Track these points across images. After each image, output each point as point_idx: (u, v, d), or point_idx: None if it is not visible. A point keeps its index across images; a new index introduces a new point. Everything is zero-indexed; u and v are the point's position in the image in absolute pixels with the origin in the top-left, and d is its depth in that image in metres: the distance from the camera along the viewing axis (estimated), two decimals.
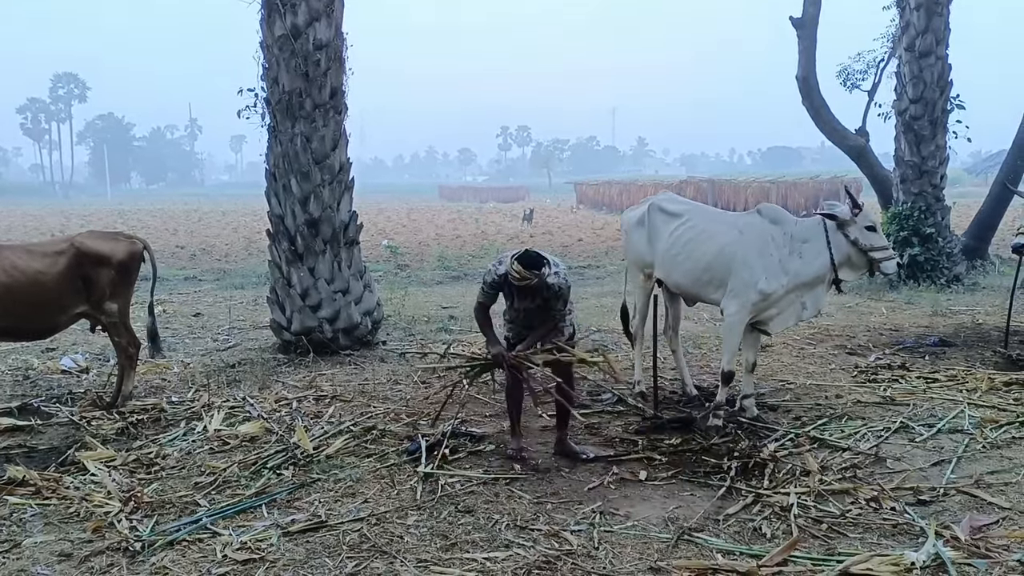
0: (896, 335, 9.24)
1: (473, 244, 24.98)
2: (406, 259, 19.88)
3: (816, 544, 4.11)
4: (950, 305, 11.30)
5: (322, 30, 8.44)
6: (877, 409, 6.34)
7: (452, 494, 4.78)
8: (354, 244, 8.88)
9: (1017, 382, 6.90)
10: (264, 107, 8.82)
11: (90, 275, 6.33)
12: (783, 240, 5.88)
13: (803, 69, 17.12)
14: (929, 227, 13.50)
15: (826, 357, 8.21)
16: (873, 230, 5.69)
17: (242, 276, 16.37)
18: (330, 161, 8.61)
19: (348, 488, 4.89)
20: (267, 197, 8.84)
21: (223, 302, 12.60)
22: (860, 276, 5.98)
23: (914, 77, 13.59)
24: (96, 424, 6.12)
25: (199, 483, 4.99)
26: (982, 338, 8.94)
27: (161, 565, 3.96)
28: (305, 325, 8.47)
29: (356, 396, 6.82)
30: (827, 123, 17.19)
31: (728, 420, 5.98)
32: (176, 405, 6.60)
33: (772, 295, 5.84)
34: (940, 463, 5.16)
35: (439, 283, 15.73)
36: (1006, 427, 5.75)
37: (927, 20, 13.43)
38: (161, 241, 26.71)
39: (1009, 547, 3.96)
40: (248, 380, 7.42)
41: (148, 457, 5.44)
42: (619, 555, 4.01)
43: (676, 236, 6.28)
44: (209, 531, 4.33)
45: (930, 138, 13.64)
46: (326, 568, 3.92)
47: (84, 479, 5.04)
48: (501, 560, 3.95)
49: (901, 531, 4.23)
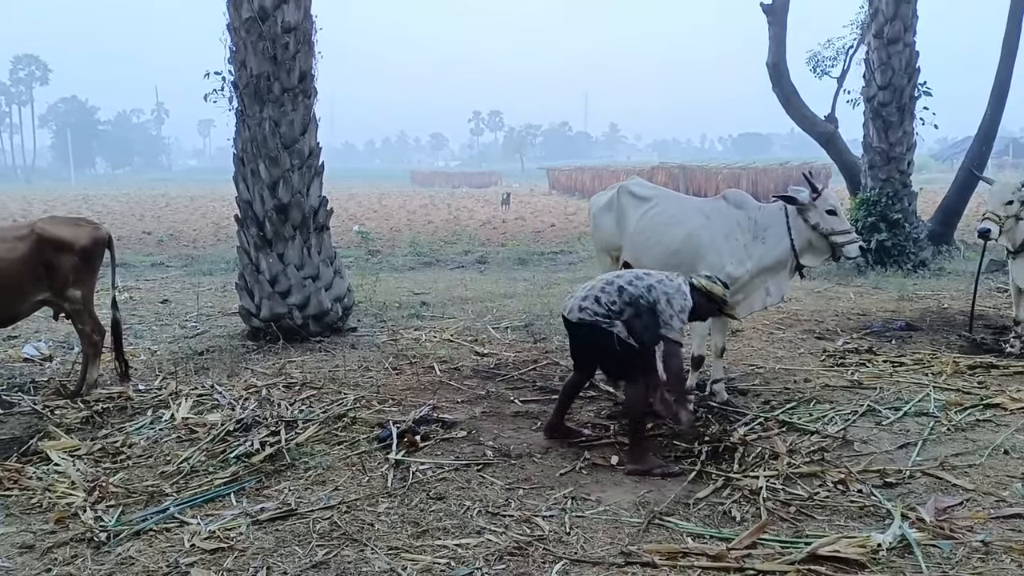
0: (863, 320, 9.34)
1: (445, 230, 24.88)
2: (377, 245, 19.76)
3: (784, 527, 4.15)
4: (916, 290, 11.44)
5: (290, 12, 8.31)
6: (845, 393, 6.41)
7: (423, 481, 4.77)
8: (324, 230, 8.80)
9: (981, 365, 7.01)
10: (232, 91, 8.68)
11: (52, 261, 6.21)
12: (748, 225, 5.91)
13: (773, 56, 17.20)
14: (896, 213, 13.65)
15: (795, 342, 8.28)
16: (834, 214, 5.68)
17: (210, 262, 16.19)
18: (299, 146, 8.50)
19: (318, 476, 4.85)
20: (235, 182, 8.72)
21: (191, 289, 12.43)
22: (823, 261, 6.00)
23: (882, 64, 13.70)
24: (60, 413, 6.01)
25: (166, 472, 4.92)
26: (947, 322, 9.07)
27: (127, 555, 3.91)
28: (274, 312, 8.39)
29: (326, 383, 6.77)
30: (797, 110, 17.30)
31: (698, 405, 6.02)
32: (143, 393, 6.50)
33: (739, 280, 5.87)
34: (906, 446, 5.23)
35: (411, 269, 15.65)
36: (970, 410, 5.83)
37: (895, 7, 13.54)
38: (127, 227, 26.34)
39: (973, 528, 4.02)
40: (216, 367, 7.34)
41: (114, 446, 5.36)
42: (590, 540, 4.02)
43: (645, 220, 6.29)
44: (177, 520, 4.28)
45: (898, 124, 13.78)
46: (296, 556, 3.89)
47: (47, 469, 4.95)
48: (473, 546, 3.94)
49: (868, 513, 4.28)
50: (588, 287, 5.08)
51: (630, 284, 4.92)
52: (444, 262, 16.64)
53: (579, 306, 4.97)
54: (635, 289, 4.89)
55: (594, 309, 4.90)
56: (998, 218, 6.96)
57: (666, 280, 4.95)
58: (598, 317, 4.88)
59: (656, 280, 4.94)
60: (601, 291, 4.95)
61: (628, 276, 5.01)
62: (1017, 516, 4.16)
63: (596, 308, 4.90)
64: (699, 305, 5.01)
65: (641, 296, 4.87)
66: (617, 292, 4.91)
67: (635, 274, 5.04)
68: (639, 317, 4.87)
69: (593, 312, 4.90)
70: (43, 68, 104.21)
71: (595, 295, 4.94)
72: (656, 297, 4.85)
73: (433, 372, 7.17)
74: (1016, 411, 5.79)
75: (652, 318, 4.86)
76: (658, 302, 4.83)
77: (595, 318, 4.89)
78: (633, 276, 5.00)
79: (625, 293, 4.89)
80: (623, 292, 4.90)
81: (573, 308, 5.01)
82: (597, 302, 4.91)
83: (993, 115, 15.68)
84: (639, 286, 4.90)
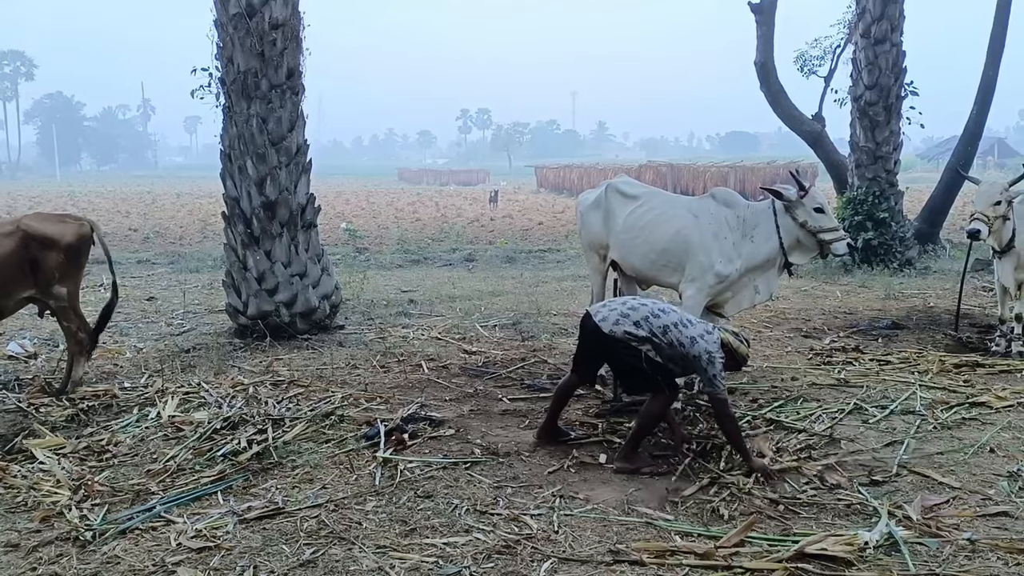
0: (850, 318, 9.39)
1: (433, 227, 24.85)
2: (365, 242, 19.72)
3: (772, 525, 4.16)
4: (902, 289, 11.51)
5: (278, 9, 8.27)
6: (832, 391, 6.43)
7: (411, 479, 4.75)
8: (312, 227, 8.76)
9: (967, 364, 7.06)
10: (219, 87, 8.63)
11: (37, 258, 6.15)
12: (736, 223, 5.93)
13: (761, 55, 17.25)
14: (883, 212, 13.72)
15: (782, 340, 8.31)
16: (821, 212, 5.70)
17: (197, 259, 16.10)
18: (287, 143, 8.46)
19: (306, 474, 4.83)
20: (222, 179, 8.67)
21: (177, 286, 12.37)
22: (812, 259, 6.02)
23: (869, 63, 13.77)
24: (45, 411, 5.96)
25: (152, 470, 4.89)
26: (933, 321, 9.12)
27: (113, 555, 3.88)
28: (261, 309, 8.35)
29: (314, 381, 6.74)
30: (784, 109, 17.37)
31: (686, 403, 6.03)
32: (129, 391, 6.45)
33: (728, 278, 5.89)
34: (893, 444, 5.25)
35: (399, 266, 15.62)
36: (956, 408, 5.87)
37: (883, 7, 13.61)
38: (113, 224, 26.20)
39: (959, 526, 4.05)
40: (203, 365, 7.29)
41: (99, 444, 5.31)
42: (579, 538, 4.02)
43: (633, 219, 6.30)
44: (163, 519, 4.25)
45: (884, 124, 13.85)
46: (283, 555, 3.87)
47: (32, 467, 4.90)
48: (461, 545, 3.94)
49: (855, 511, 4.30)
50: (629, 306, 4.94)
51: (675, 327, 4.80)
52: (432, 260, 16.62)
53: (616, 320, 4.86)
54: (679, 334, 4.79)
55: (632, 331, 4.81)
56: (987, 218, 6.97)
57: (706, 335, 4.83)
58: (629, 336, 4.80)
59: (698, 333, 4.82)
60: (644, 319, 4.83)
61: (675, 318, 4.87)
62: (1003, 514, 4.19)
63: (635, 331, 4.81)
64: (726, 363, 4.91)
65: (683, 344, 4.77)
66: (662, 331, 4.79)
67: (680, 318, 4.89)
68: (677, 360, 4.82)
69: (627, 331, 4.81)
70: (28, 64, 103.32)
71: (637, 319, 4.83)
72: (698, 353, 4.75)
73: (421, 370, 7.15)
74: (1001, 409, 5.83)
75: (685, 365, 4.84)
76: (699, 358, 4.75)
77: (626, 337, 4.81)
78: (679, 320, 4.86)
79: (670, 334, 4.78)
80: (667, 332, 4.79)
81: (608, 318, 4.90)
82: (637, 325, 4.81)
83: (978, 115, 15.79)
84: (684, 334, 4.79)
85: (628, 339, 4.81)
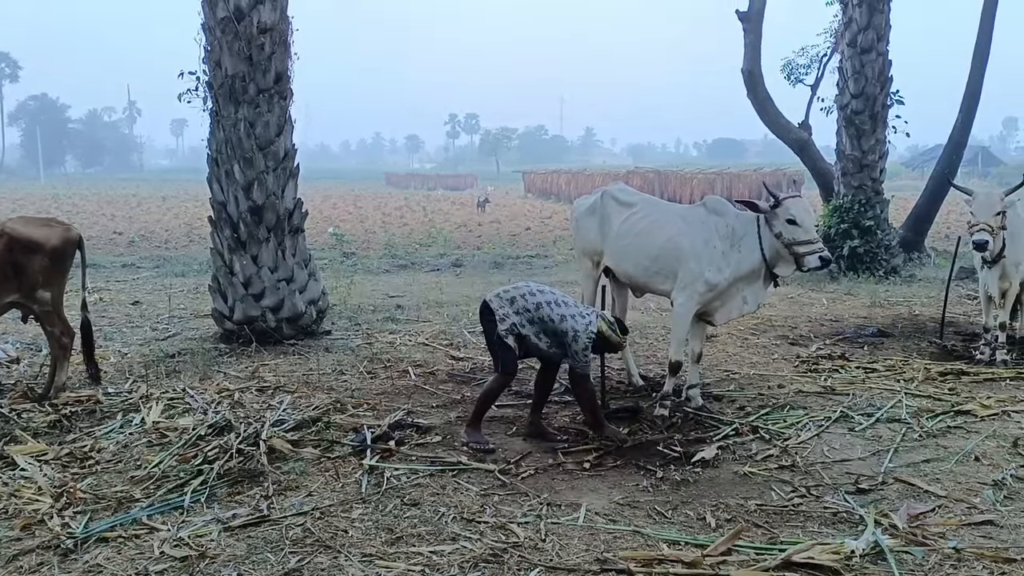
0: (836, 326, 9.43)
1: (421, 232, 24.80)
2: (352, 247, 19.65)
3: (759, 533, 4.16)
4: (888, 296, 11.57)
5: (267, 13, 8.25)
6: (818, 399, 6.45)
7: (398, 487, 4.73)
8: (299, 232, 8.73)
9: (952, 372, 7.10)
10: (206, 91, 8.60)
11: (21, 262, 6.09)
12: (725, 232, 5.93)
13: (748, 62, 17.32)
14: (869, 220, 13.81)
15: (769, 347, 8.34)
16: (794, 223, 5.62)
17: (183, 264, 16.01)
18: (274, 147, 8.43)
19: (291, 481, 4.79)
20: (209, 183, 8.63)
21: (163, 290, 12.29)
22: (793, 270, 5.99)
23: (856, 72, 13.87)
24: (27, 417, 5.89)
25: (136, 477, 4.84)
26: (918, 329, 9.17)
27: (95, 563, 3.83)
28: (248, 314, 8.31)
29: (300, 387, 6.71)
30: (771, 116, 17.44)
31: (674, 410, 6.03)
32: (112, 396, 6.40)
33: (717, 286, 5.89)
34: (879, 452, 5.27)
35: (386, 271, 15.58)
36: (941, 416, 5.90)
37: (869, 16, 13.72)
38: (98, 227, 26.00)
39: (945, 534, 4.06)
40: (188, 371, 7.24)
41: (82, 451, 5.26)
42: (566, 547, 4.01)
43: (627, 226, 6.31)
44: (146, 527, 4.20)
45: (870, 132, 13.95)
46: (268, 563, 3.83)
47: (13, 474, 4.85)
48: (447, 553, 3.91)
49: (841, 519, 4.31)
50: (515, 287, 5.41)
51: (547, 305, 5.25)
52: (419, 265, 16.59)
53: (496, 294, 5.38)
54: (550, 312, 5.22)
55: (504, 307, 5.26)
56: (991, 228, 6.97)
57: (578, 316, 5.23)
58: (501, 312, 5.25)
59: (569, 313, 5.23)
60: (522, 296, 5.29)
61: (549, 298, 5.29)
62: (988, 522, 4.21)
63: (506, 308, 5.26)
64: (596, 345, 5.31)
65: (552, 320, 5.21)
66: (535, 307, 5.25)
67: (555, 298, 5.30)
68: (549, 335, 5.25)
69: (499, 307, 5.27)
70: (13, 65, 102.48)
71: (513, 295, 5.31)
72: (565, 330, 5.19)
73: (408, 376, 7.13)
74: (986, 418, 5.87)
75: (560, 341, 5.23)
76: (566, 334, 5.19)
77: (498, 312, 5.25)
78: (553, 299, 5.28)
79: (542, 310, 5.24)
80: (539, 309, 5.24)
81: (490, 295, 5.40)
82: (511, 303, 5.28)
83: (963, 124, 15.90)
84: (555, 312, 5.22)
85: (495, 314, 5.25)
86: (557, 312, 5.22)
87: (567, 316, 5.20)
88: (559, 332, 5.20)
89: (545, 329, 5.24)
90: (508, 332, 5.23)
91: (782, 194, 5.76)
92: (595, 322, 5.23)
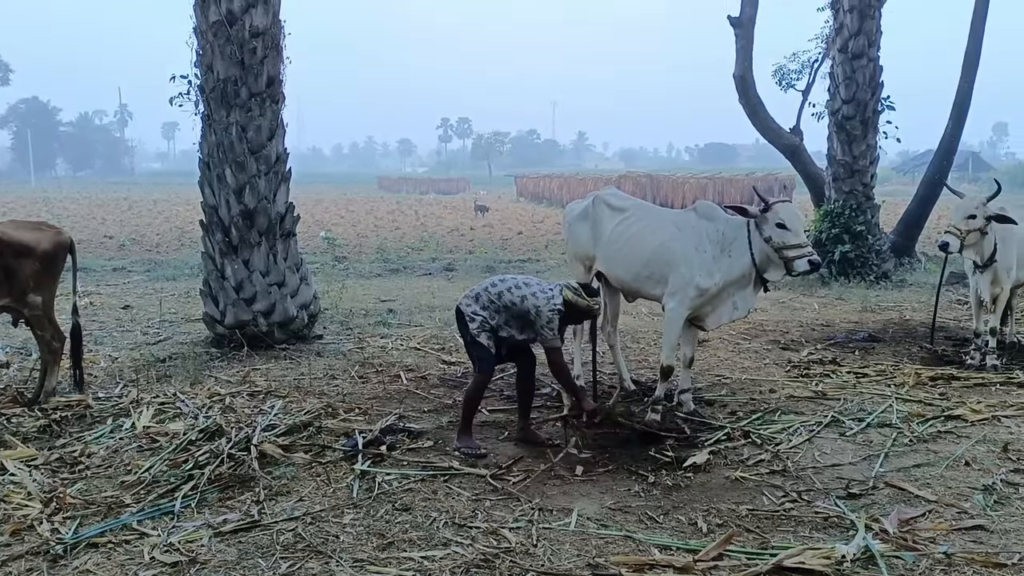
0: (827, 330, 9.46)
1: (413, 236, 24.79)
2: (344, 251, 19.63)
3: (750, 538, 4.17)
4: (879, 301, 11.61)
5: (259, 17, 8.24)
6: (809, 403, 6.47)
7: (389, 492, 4.72)
8: (290, 236, 8.71)
9: (942, 377, 7.13)
10: (198, 95, 8.58)
11: (12, 266, 6.06)
12: (716, 237, 5.93)
13: (740, 68, 17.37)
14: (859, 225, 13.86)
15: (760, 352, 8.35)
16: (783, 228, 5.63)
17: (174, 268, 15.95)
18: (266, 151, 8.42)
19: (283, 486, 4.78)
20: (201, 187, 8.61)
21: (154, 294, 12.25)
22: (783, 276, 5.99)
23: (847, 78, 13.93)
24: (16, 421, 5.87)
25: (126, 482, 4.82)
26: (909, 334, 9.20)
27: (85, 569, 3.82)
28: (239, 318, 8.28)
29: (291, 391, 6.69)
30: (763, 121, 17.49)
31: (665, 415, 6.03)
32: (103, 401, 6.38)
33: (708, 291, 5.89)
34: (869, 457, 5.28)
35: (378, 276, 15.55)
36: (932, 421, 5.92)
37: (860, 22, 13.77)
38: (89, 230, 25.91)
39: (935, 539, 4.07)
40: (179, 375, 7.21)
41: (72, 456, 5.24)
42: (557, 552, 4.01)
43: (619, 231, 6.32)
44: (136, 532, 4.19)
45: (861, 138, 14.00)
46: (259, 569, 3.82)
47: (2, 479, 4.82)
48: (439, 559, 3.91)
49: (832, 524, 4.32)
50: (479, 284, 5.53)
51: (508, 291, 5.33)
52: (411, 269, 16.57)
53: (464, 295, 5.49)
54: (512, 296, 5.30)
55: (471, 305, 5.37)
56: (959, 231, 7.07)
57: (539, 293, 5.31)
58: (470, 311, 5.36)
59: (531, 292, 5.32)
60: (484, 290, 5.40)
61: (510, 284, 5.39)
62: (979, 527, 4.22)
63: (474, 306, 5.36)
64: (568, 315, 5.37)
65: (515, 303, 5.29)
66: (497, 296, 5.35)
67: (516, 282, 5.40)
68: (516, 319, 5.34)
69: (467, 306, 5.39)
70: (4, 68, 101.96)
71: (477, 292, 5.42)
72: (528, 308, 5.26)
73: (400, 381, 7.12)
74: (976, 422, 5.89)
75: (527, 323, 5.32)
76: (529, 312, 5.26)
77: (467, 311, 5.37)
78: (513, 284, 5.38)
79: (504, 297, 5.32)
80: (502, 296, 5.33)
81: (460, 299, 5.49)
82: (476, 299, 5.38)
83: (954, 129, 15.99)
84: (516, 295, 5.30)
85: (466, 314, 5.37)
86: (518, 294, 5.29)
87: (527, 296, 5.28)
88: (523, 313, 5.27)
89: (511, 315, 5.32)
90: (480, 329, 5.32)
91: (772, 199, 5.78)
92: (558, 296, 5.29)
